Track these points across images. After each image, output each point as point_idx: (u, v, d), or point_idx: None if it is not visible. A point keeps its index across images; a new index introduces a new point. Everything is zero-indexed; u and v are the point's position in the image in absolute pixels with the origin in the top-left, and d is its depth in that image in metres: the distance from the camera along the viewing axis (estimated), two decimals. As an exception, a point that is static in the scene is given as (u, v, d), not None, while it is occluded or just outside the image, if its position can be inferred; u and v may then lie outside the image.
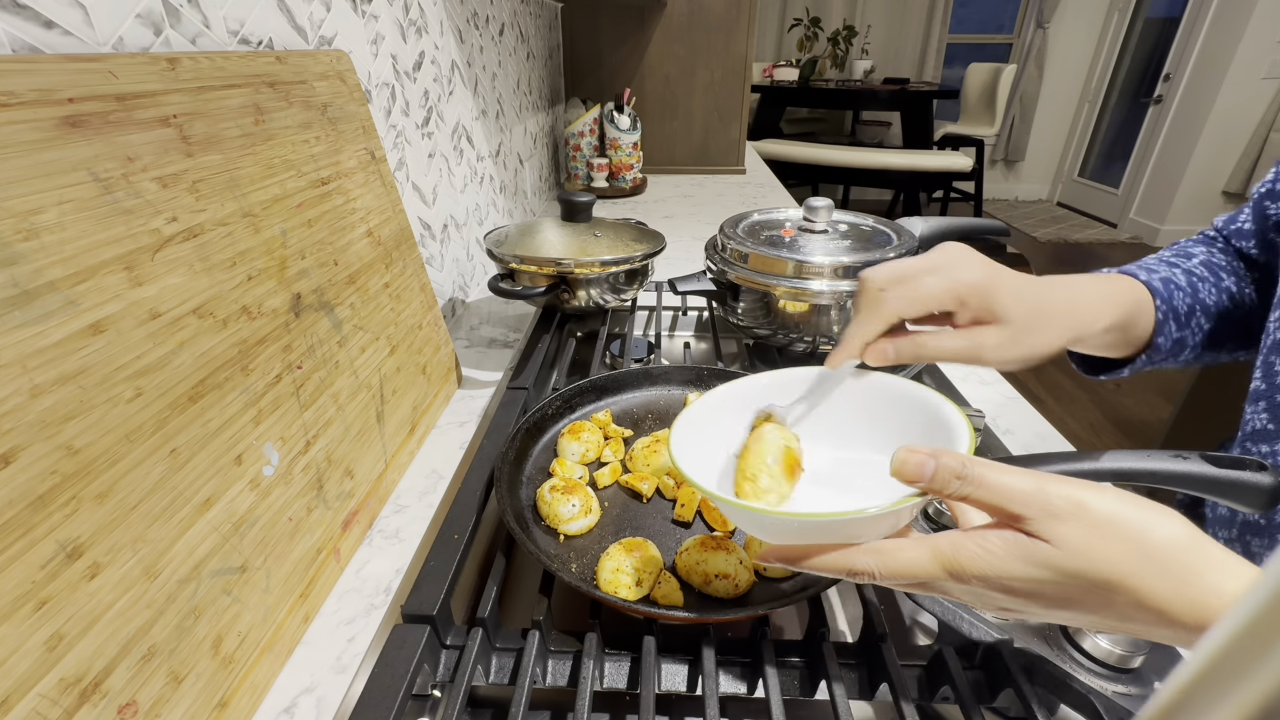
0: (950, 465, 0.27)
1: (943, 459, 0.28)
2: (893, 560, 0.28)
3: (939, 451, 0.28)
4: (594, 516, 0.48)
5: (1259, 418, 0.47)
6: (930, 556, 0.27)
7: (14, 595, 0.26)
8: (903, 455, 0.28)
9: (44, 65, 0.31)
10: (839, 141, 4.47)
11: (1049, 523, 0.25)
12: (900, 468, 0.28)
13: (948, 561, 0.27)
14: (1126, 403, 2.43)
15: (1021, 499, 0.26)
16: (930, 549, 0.28)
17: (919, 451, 0.28)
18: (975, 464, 0.27)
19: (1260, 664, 0.09)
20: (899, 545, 0.28)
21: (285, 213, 0.46)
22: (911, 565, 0.28)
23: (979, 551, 0.27)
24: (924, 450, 0.28)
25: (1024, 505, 0.26)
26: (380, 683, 0.35)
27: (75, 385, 0.29)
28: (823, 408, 0.42)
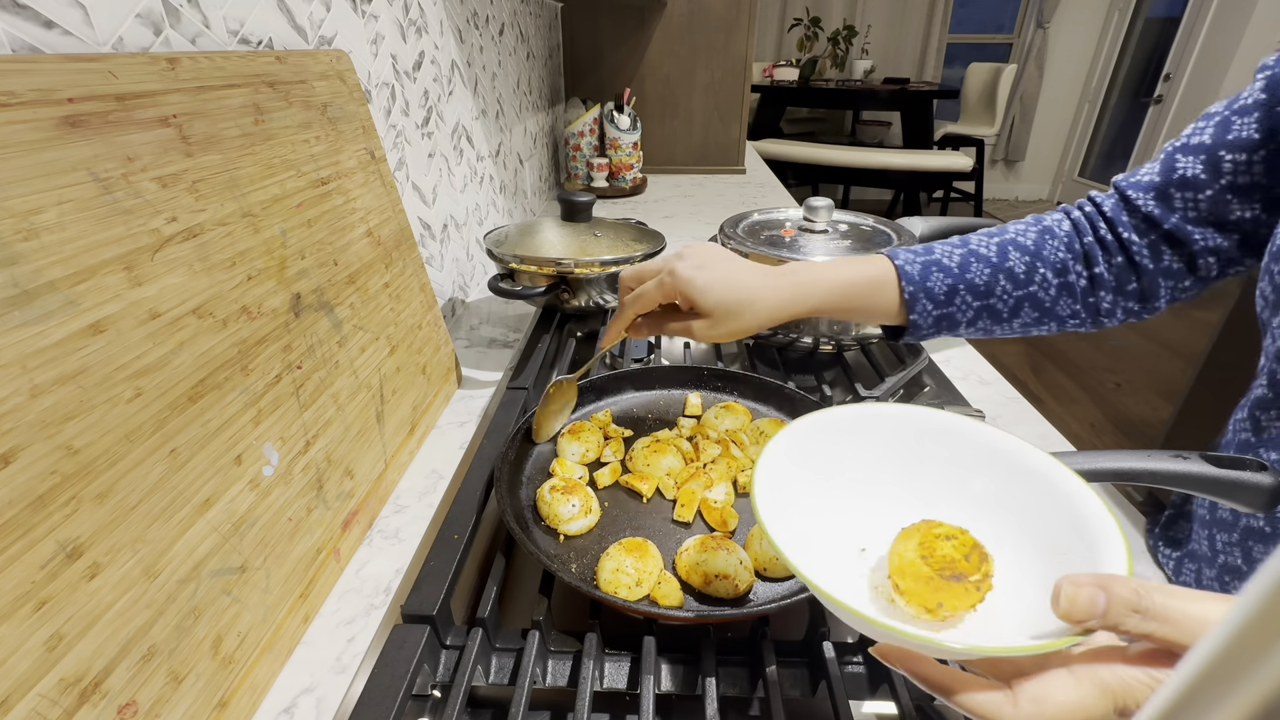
0: (1125, 598, 0.23)
1: (1114, 590, 0.23)
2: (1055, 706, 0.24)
3: (1108, 580, 0.24)
4: (594, 517, 0.48)
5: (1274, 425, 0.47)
6: (1098, 695, 0.23)
7: (14, 595, 0.26)
8: (1070, 591, 0.24)
9: (44, 65, 0.31)
10: (839, 141, 4.47)
11: None
12: (1070, 607, 0.24)
13: (1120, 699, 0.23)
14: (1126, 403, 2.43)
15: None
16: (1097, 688, 0.23)
17: (1086, 583, 0.24)
18: (1152, 593, 0.23)
19: (1260, 664, 0.09)
20: (1055, 687, 0.24)
21: (285, 213, 0.46)
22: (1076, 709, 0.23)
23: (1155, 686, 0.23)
24: (1089, 580, 0.24)
25: None
26: (380, 683, 0.35)
27: (75, 385, 0.29)
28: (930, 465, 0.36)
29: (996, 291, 0.54)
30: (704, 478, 0.50)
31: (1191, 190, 0.49)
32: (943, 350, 0.82)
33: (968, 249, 0.55)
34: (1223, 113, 0.49)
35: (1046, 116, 4.96)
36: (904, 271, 0.54)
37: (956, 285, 0.54)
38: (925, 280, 0.54)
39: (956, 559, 0.29)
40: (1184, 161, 0.50)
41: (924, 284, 0.54)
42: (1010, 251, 0.54)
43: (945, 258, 0.55)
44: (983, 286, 0.54)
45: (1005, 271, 0.54)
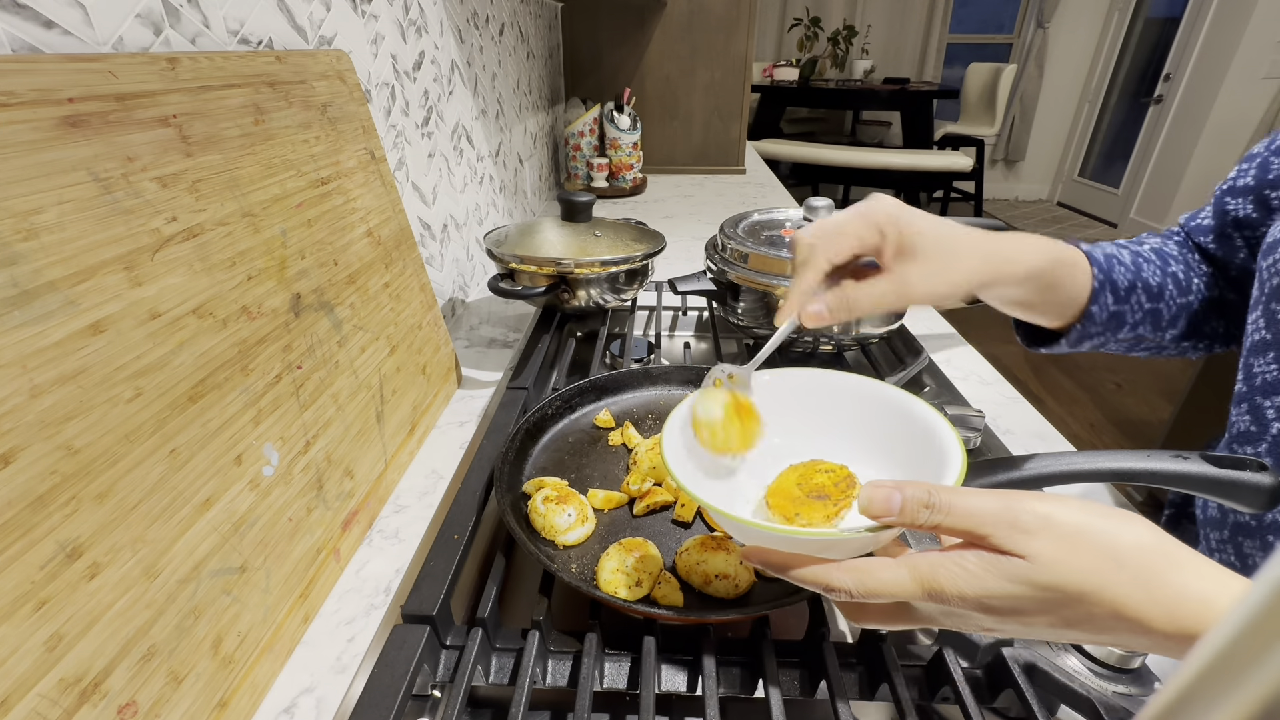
0: (916, 496, 0.27)
1: (907, 491, 0.28)
2: (870, 579, 0.28)
3: (903, 484, 0.28)
4: (590, 524, 0.47)
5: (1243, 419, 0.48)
6: (909, 576, 0.27)
7: (14, 595, 0.26)
8: (868, 493, 0.28)
9: (44, 65, 0.31)
10: (839, 141, 4.47)
11: (1019, 538, 0.26)
12: (868, 505, 0.28)
13: (926, 581, 0.27)
14: (1126, 403, 2.43)
15: (990, 519, 0.26)
16: (909, 569, 0.28)
17: (883, 485, 0.28)
18: (941, 492, 0.27)
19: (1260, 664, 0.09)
20: (878, 564, 0.28)
21: (285, 213, 0.46)
22: (889, 584, 0.28)
23: (957, 570, 0.27)
24: (888, 484, 0.28)
25: (994, 525, 0.26)
26: (380, 683, 0.35)
27: (75, 385, 0.29)
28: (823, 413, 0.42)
29: (1165, 296, 0.52)
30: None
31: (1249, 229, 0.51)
32: (943, 350, 0.82)
33: (1131, 250, 0.52)
34: (1262, 154, 0.51)
35: (1046, 116, 4.96)
36: (1092, 257, 0.49)
37: (1135, 282, 0.51)
38: (1111, 271, 0.50)
39: (827, 485, 0.35)
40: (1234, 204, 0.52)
41: (1110, 274, 0.49)
42: (1167, 259, 0.53)
43: (1118, 255, 0.51)
44: (1155, 288, 0.51)
45: (1171, 276, 0.52)
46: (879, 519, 0.28)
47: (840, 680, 0.37)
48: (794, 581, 0.30)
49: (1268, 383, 0.45)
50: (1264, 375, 0.46)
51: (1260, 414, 0.46)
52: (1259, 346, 0.46)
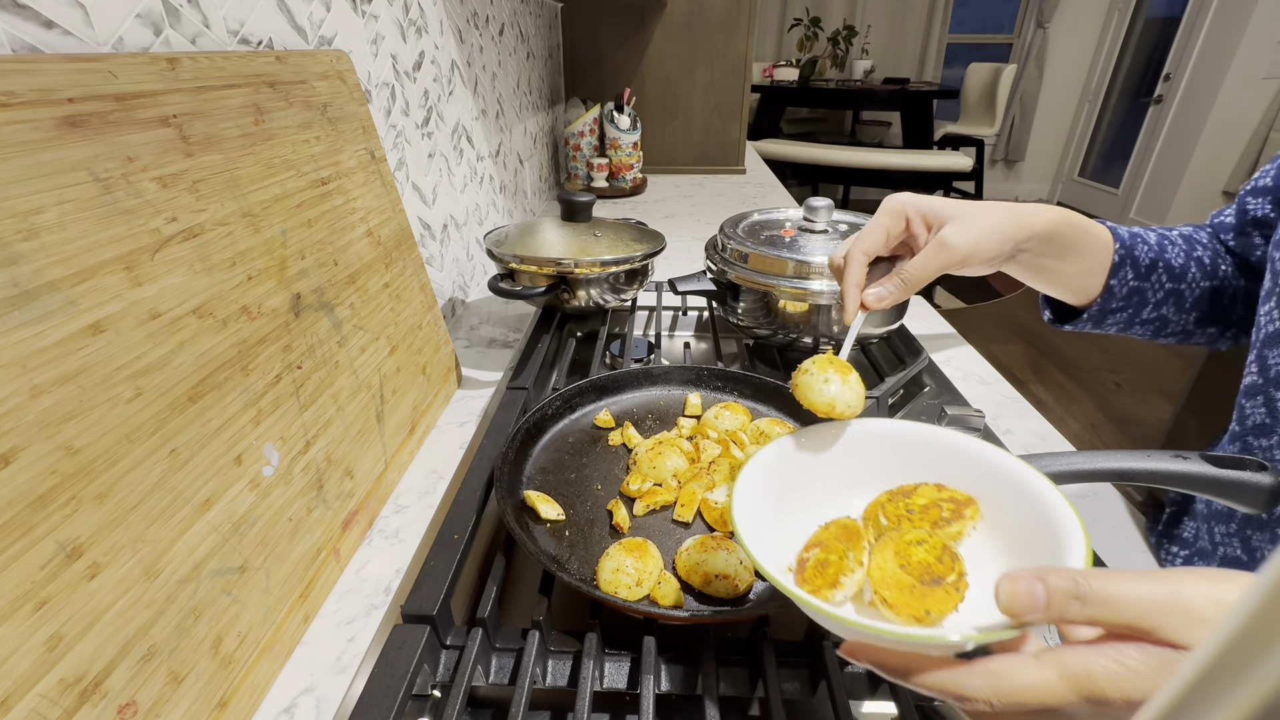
0: (1063, 587, 0.23)
1: (1051, 581, 0.23)
2: (1012, 685, 0.24)
3: (1044, 571, 0.24)
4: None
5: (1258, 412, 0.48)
6: (1058, 678, 0.23)
7: (14, 595, 0.26)
8: (1008, 588, 0.24)
9: (44, 65, 0.31)
10: (839, 141, 4.47)
11: (1196, 629, 0.22)
12: (1009, 603, 0.24)
13: (1082, 685, 0.23)
14: (1126, 403, 2.43)
15: (1159, 608, 0.23)
16: (1057, 669, 0.23)
17: (1023, 577, 0.24)
18: (1090, 578, 0.23)
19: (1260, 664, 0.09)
20: (1018, 666, 0.24)
21: (285, 213, 0.46)
22: (1036, 690, 0.23)
23: (1118, 670, 0.22)
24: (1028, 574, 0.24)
25: (1164, 615, 0.22)
26: (380, 683, 0.35)
27: (75, 385, 0.29)
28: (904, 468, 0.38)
29: (1188, 278, 0.53)
30: (705, 478, 0.50)
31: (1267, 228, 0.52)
32: (943, 350, 0.82)
33: (1157, 233, 0.54)
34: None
35: (1046, 116, 4.96)
36: (1115, 232, 0.52)
37: (1157, 260, 0.52)
38: (1133, 247, 0.52)
39: (930, 562, 0.30)
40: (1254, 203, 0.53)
41: (1132, 250, 0.52)
42: (1194, 244, 0.54)
43: (1144, 234, 0.54)
44: (1178, 269, 0.53)
45: (1195, 260, 0.54)
46: (1022, 616, 0.24)
47: (840, 680, 0.37)
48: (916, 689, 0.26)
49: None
50: (1278, 367, 0.46)
51: (1275, 406, 0.46)
52: (1273, 338, 0.46)
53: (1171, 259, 0.53)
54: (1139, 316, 0.54)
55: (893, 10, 4.69)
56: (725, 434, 0.56)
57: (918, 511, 0.34)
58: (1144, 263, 0.52)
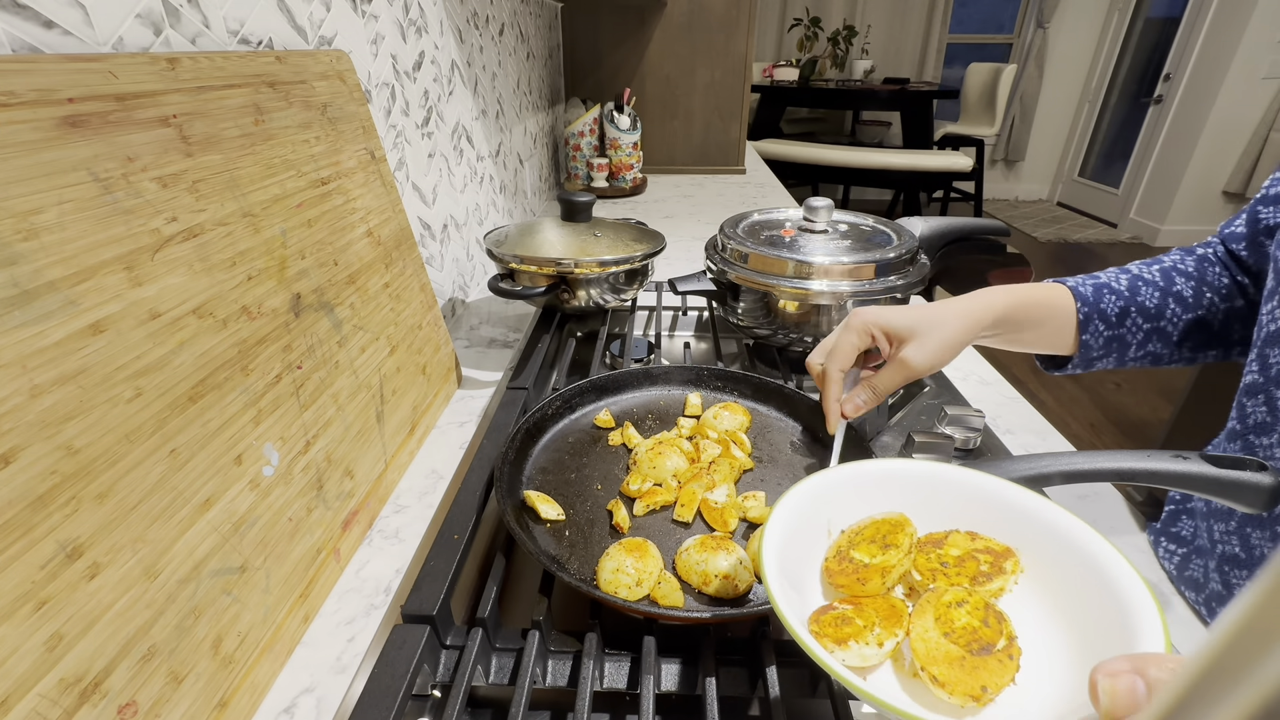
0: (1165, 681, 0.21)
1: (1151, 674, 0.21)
2: None
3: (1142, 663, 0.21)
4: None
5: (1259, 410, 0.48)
6: None
7: (14, 595, 0.26)
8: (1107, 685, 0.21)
9: (44, 65, 0.31)
10: (839, 141, 4.47)
11: None
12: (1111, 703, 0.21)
13: None
14: (1126, 403, 2.43)
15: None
16: None
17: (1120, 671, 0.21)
18: None
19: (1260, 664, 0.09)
20: None
21: (285, 213, 0.46)
22: None
23: None
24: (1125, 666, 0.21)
25: None
26: (380, 683, 0.35)
27: (75, 385, 0.29)
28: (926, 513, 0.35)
29: (1166, 314, 0.55)
30: (705, 478, 0.50)
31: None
32: (943, 350, 0.81)
33: (1132, 275, 0.56)
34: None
35: (1046, 116, 4.96)
36: (1077, 292, 0.55)
37: (1128, 307, 0.54)
38: (1099, 301, 0.55)
39: (976, 626, 0.28)
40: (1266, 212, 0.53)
41: (1097, 305, 0.55)
42: (1174, 277, 0.56)
43: (1113, 281, 0.56)
44: (1153, 309, 0.55)
45: (1174, 295, 0.55)
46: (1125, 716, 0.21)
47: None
48: None
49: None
50: (1278, 365, 0.46)
51: (1276, 405, 0.46)
52: (1274, 337, 0.47)
53: (1145, 301, 0.55)
54: (1126, 356, 0.56)
55: (893, 10, 4.69)
56: (725, 434, 0.56)
57: (952, 565, 0.32)
58: (1112, 313, 0.54)
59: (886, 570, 0.32)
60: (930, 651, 0.27)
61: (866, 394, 0.50)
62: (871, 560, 0.32)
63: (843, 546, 0.35)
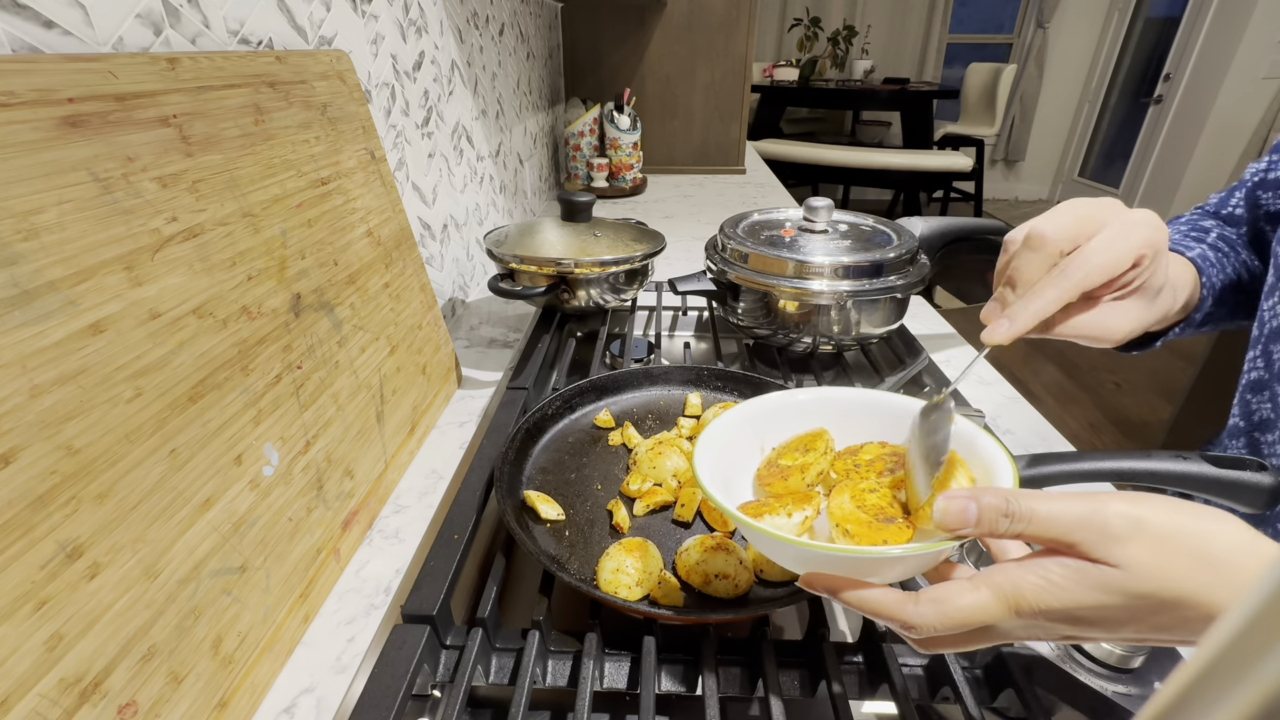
0: (995, 505, 0.26)
1: (984, 499, 0.26)
2: (952, 609, 0.26)
3: (978, 491, 0.26)
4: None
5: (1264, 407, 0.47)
6: (992, 598, 0.25)
7: (14, 595, 0.26)
8: (942, 504, 0.26)
9: (44, 65, 0.31)
10: (839, 141, 4.47)
11: (1111, 546, 0.24)
12: (942, 518, 0.26)
13: (1010, 599, 0.25)
14: (1126, 403, 2.43)
15: (1078, 525, 0.25)
16: (990, 589, 0.25)
17: (957, 495, 0.26)
18: (1020, 498, 0.26)
19: (1260, 664, 0.09)
20: (954, 591, 0.26)
21: (285, 213, 0.46)
22: (973, 611, 0.25)
23: (1042, 583, 0.25)
24: (962, 493, 0.26)
25: (1083, 531, 0.25)
26: (380, 683, 0.35)
27: (75, 385, 0.29)
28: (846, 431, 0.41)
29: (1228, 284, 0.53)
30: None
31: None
32: (943, 350, 0.82)
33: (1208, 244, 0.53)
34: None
35: (1046, 116, 4.96)
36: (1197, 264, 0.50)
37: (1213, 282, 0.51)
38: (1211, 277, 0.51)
39: (883, 506, 0.34)
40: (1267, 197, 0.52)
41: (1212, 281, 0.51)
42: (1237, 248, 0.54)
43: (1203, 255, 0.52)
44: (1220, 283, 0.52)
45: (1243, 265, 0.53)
46: (955, 532, 0.26)
47: (840, 680, 0.37)
48: (864, 613, 0.28)
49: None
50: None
51: (1276, 400, 0.46)
52: (1277, 333, 0.46)
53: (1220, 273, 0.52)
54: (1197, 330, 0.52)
55: (893, 10, 4.69)
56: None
57: (864, 465, 0.38)
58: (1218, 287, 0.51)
59: (805, 468, 0.37)
60: (845, 515, 0.33)
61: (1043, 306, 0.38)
62: (793, 463, 0.38)
63: (772, 458, 0.40)
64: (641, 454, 0.53)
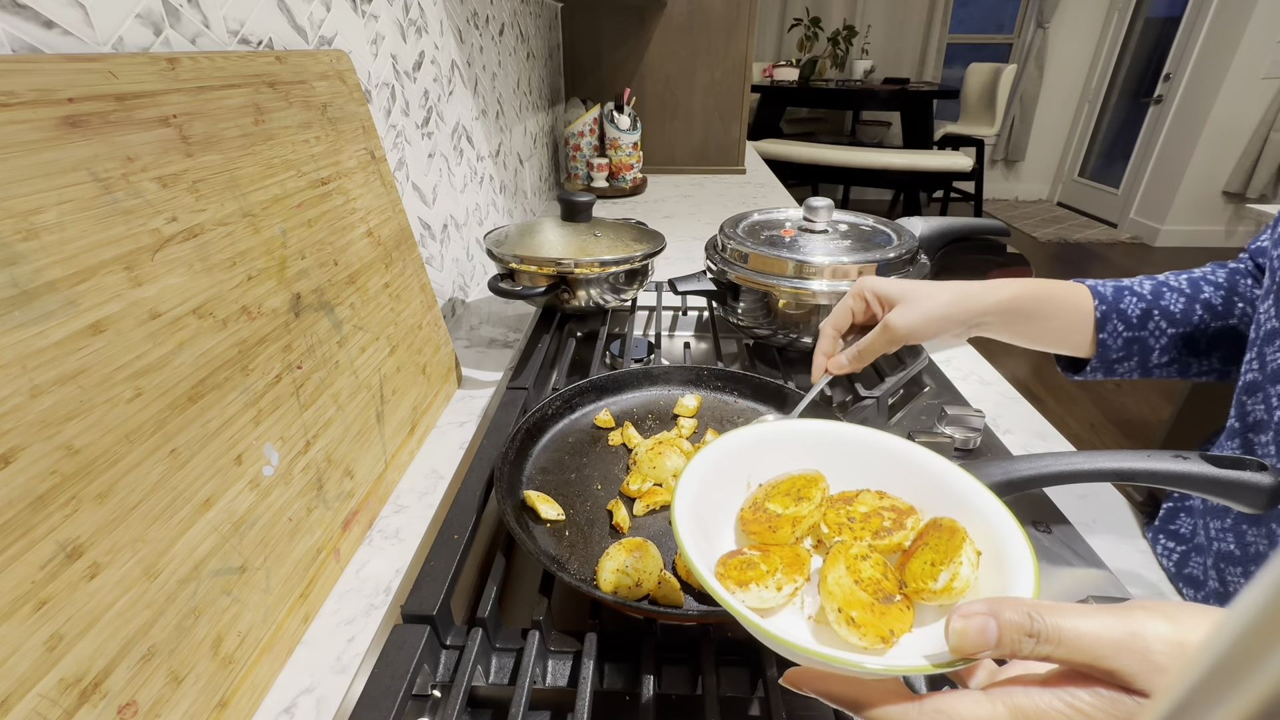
0: (1017, 623, 0.23)
1: (1005, 616, 0.23)
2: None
3: (997, 605, 0.23)
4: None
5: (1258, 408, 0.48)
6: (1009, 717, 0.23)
7: (14, 595, 0.26)
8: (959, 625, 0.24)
9: (44, 65, 0.31)
10: (839, 141, 4.47)
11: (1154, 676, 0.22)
12: (960, 642, 0.23)
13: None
14: (1126, 403, 2.43)
15: (1115, 650, 0.22)
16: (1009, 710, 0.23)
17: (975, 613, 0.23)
18: (1046, 613, 0.23)
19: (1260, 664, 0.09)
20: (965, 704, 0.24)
21: (285, 213, 0.46)
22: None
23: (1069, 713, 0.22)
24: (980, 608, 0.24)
25: (1123, 657, 0.22)
26: (380, 683, 0.35)
27: (75, 385, 0.29)
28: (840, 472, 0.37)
29: (1194, 320, 0.53)
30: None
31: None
32: (943, 350, 0.82)
33: (1157, 281, 0.55)
34: None
35: (1046, 116, 4.96)
36: (1095, 290, 0.54)
37: (1150, 310, 0.53)
38: (1118, 301, 0.53)
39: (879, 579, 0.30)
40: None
41: (1116, 304, 0.53)
42: (1203, 286, 0.54)
43: (1136, 286, 0.55)
44: (1179, 314, 0.53)
45: (1201, 302, 0.53)
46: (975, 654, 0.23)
47: (840, 680, 0.37)
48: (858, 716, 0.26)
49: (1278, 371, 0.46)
50: (1274, 363, 0.46)
51: (1272, 402, 0.46)
52: (1271, 335, 0.47)
53: (1169, 305, 0.53)
54: (1150, 361, 0.55)
55: (893, 10, 4.69)
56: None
57: (859, 520, 0.34)
58: (1133, 315, 0.53)
59: (797, 521, 0.34)
60: (848, 596, 0.29)
61: (852, 353, 0.52)
62: (784, 511, 0.34)
63: (759, 498, 0.36)
64: (641, 454, 0.53)
